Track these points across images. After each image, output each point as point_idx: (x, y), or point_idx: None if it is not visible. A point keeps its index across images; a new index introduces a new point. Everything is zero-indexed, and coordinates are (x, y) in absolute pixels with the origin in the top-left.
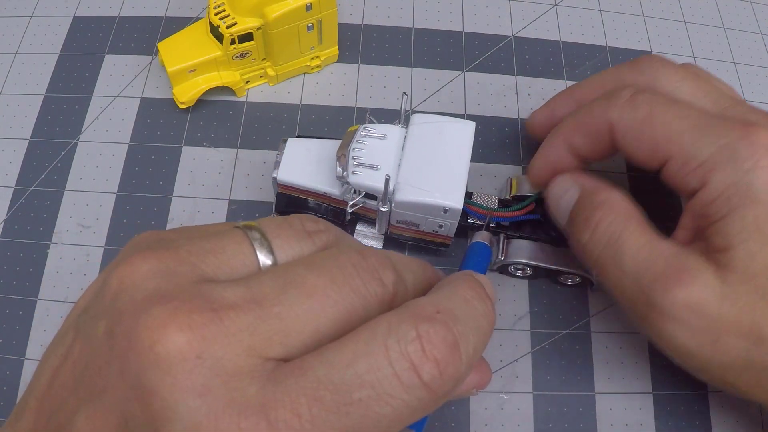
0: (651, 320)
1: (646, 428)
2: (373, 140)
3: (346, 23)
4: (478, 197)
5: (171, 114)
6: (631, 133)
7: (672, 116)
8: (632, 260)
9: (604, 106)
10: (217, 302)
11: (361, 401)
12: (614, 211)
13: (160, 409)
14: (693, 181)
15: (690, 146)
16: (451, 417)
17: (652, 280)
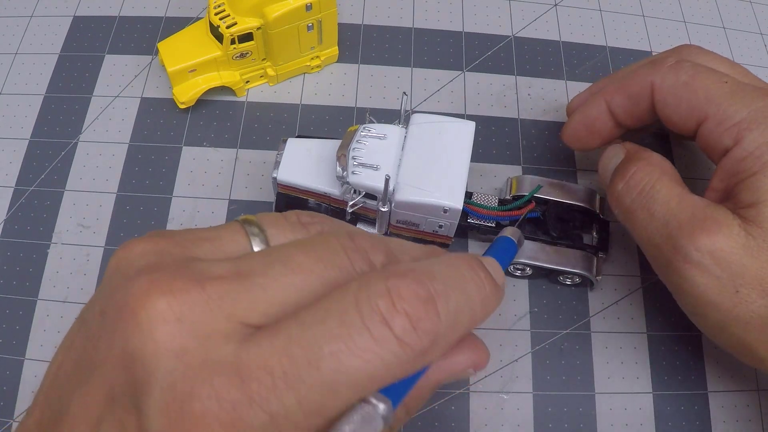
0: (675, 265)
1: (646, 428)
2: (373, 140)
3: (346, 23)
4: (478, 197)
5: (171, 114)
6: (672, 95)
7: (711, 81)
8: (662, 206)
9: (647, 69)
10: (202, 274)
11: (332, 354)
12: (650, 165)
13: (141, 373)
14: (727, 139)
15: (726, 107)
16: (451, 417)
17: (679, 226)
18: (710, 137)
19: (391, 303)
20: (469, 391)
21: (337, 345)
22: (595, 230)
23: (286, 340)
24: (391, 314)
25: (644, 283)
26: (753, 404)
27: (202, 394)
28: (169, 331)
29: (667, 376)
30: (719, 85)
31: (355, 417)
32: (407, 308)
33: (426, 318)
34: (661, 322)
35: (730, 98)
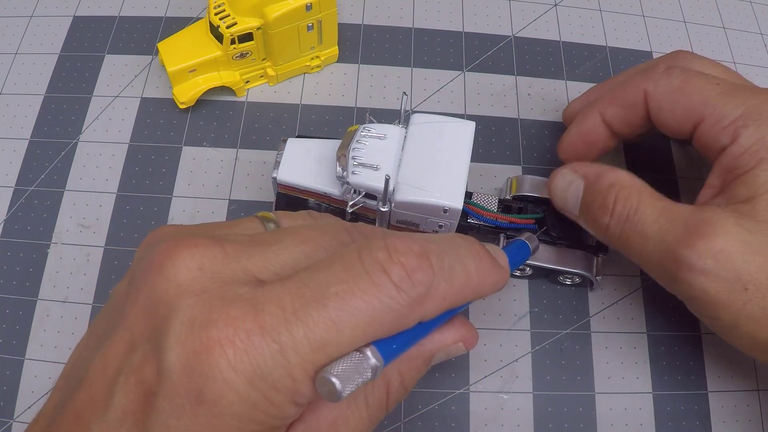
0: (681, 278)
1: (646, 428)
2: (373, 140)
3: (346, 23)
4: (478, 197)
5: (171, 114)
6: (666, 100)
7: (704, 83)
8: (653, 225)
9: (639, 77)
10: (222, 238)
11: (337, 294)
12: (626, 188)
13: (164, 313)
14: (724, 137)
15: (721, 107)
16: (451, 417)
17: (676, 239)
18: (707, 137)
19: (388, 255)
20: (469, 391)
21: (341, 286)
22: None
23: (298, 283)
24: (388, 264)
25: (644, 283)
26: (753, 404)
27: (218, 322)
28: (191, 276)
29: (667, 376)
30: (712, 87)
31: (348, 361)
32: (403, 260)
33: (420, 269)
34: (661, 322)
35: (724, 98)
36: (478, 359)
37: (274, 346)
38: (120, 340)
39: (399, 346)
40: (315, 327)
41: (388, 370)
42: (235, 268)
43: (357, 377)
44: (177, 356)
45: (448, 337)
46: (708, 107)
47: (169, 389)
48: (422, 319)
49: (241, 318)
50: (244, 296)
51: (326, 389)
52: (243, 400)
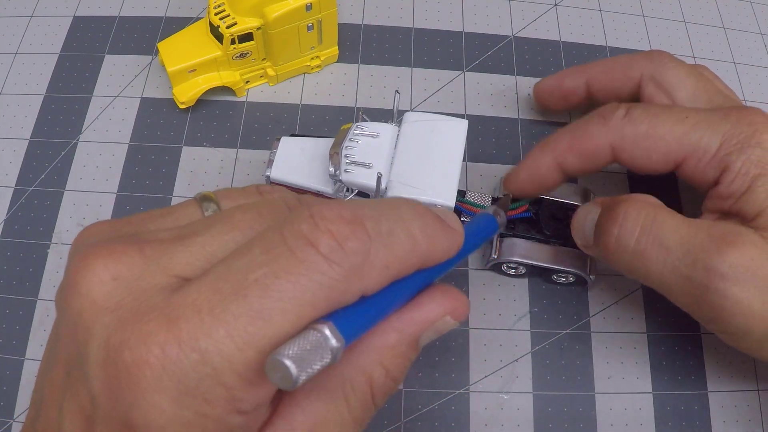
0: (713, 287)
1: (646, 428)
2: (366, 138)
3: (346, 23)
4: (472, 195)
5: (171, 114)
6: (638, 149)
7: (673, 122)
8: (675, 236)
9: (600, 127)
10: (143, 239)
11: (258, 281)
12: (639, 202)
13: (82, 337)
14: (711, 171)
15: (698, 143)
16: (451, 417)
17: (703, 249)
18: (694, 174)
19: (314, 225)
20: (469, 391)
21: (262, 270)
22: None
23: (214, 278)
24: (315, 235)
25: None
26: (753, 404)
27: (131, 341)
28: (106, 290)
29: (667, 376)
30: (682, 123)
31: (299, 341)
32: (332, 228)
33: (353, 236)
34: (661, 322)
35: (697, 132)
36: (478, 359)
37: (194, 355)
38: (59, 362)
39: (362, 322)
40: (236, 323)
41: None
42: (154, 271)
43: (314, 359)
44: (100, 383)
45: (432, 313)
46: (685, 147)
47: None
48: (365, 292)
49: (155, 332)
50: (158, 305)
51: (279, 375)
52: (174, 422)
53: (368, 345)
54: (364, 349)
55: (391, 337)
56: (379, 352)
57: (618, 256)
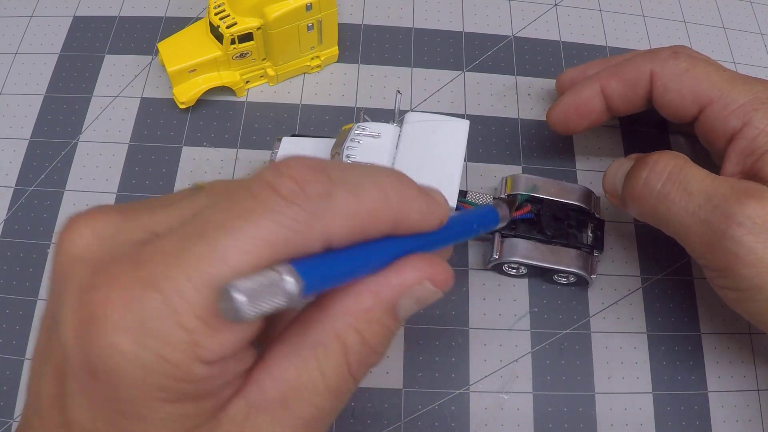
0: (730, 233)
1: (646, 428)
2: (367, 139)
3: (346, 23)
4: (473, 196)
5: (171, 114)
6: (673, 81)
7: (711, 69)
8: (699, 183)
9: (645, 57)
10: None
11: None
12: (670, 154)
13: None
14: (734, 120)
15: (729, 92)
16: (451, 417)
17: (724, 197)
18: (716, 121)
19: (278, 172)
20: (469, 391)
21: (223, 214)
22: (590, 229)
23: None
24: (277, 180)
25: (644, 283)
26: (753, 404)
27: (99, 283)
28: (85, 244)
29: (667, 376)
30: (719, 73)
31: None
32: (294, 173)
33: (315, 180)
34: (661, 322)
35: (731, 84)
36: (478, 359)
37: (156, 295)
38: (43, 327)
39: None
40: (196, 263)
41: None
42: (132, 228)
43: (266, 297)
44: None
45: (408, 277)
46: (716, 91)
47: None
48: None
49: (121, 274)
50: (129, 253)
51: (227, 306)
52: (134, 363)
53: (341, 308)
54: (336, 312)
55: (364, 299)
56: (353, 315)
57: (643, 198)
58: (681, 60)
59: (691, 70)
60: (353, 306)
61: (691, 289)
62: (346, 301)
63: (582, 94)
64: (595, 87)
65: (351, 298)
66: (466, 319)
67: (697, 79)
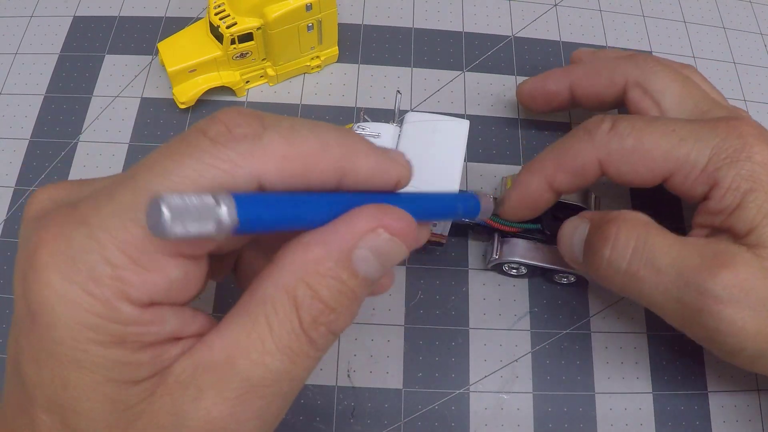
0: (707, 310)
1: (646, 428)
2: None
3: (346, 23)
4: None
5: (171, 114)
6: (624, 164)
7: (659, 136)
8: (666, 257)
9: (586, 143)
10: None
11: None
12: (630, 222)
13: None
14: (700, 187)
15: (686, 157)
16: (451, 417)
17: (695, 270)
18: (682, 189)
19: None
20: (469, 391)
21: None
22: None
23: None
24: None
25: None
26: (753, 404)
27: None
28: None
29: (667, 376)
30: (669, 138)
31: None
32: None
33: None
34: (661, 322)
35: (685, 147)
36: (478, 359)
37: (83, 229)
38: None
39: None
40: (123, 199)
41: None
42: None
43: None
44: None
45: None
46: (672, 161)
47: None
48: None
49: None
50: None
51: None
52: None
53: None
54: (286, 265)
55: (313, 249)
56: (302, 266)
57: (610, 277)
58: (625, 137)
59: (638, 146)
60: (302, 257)
61: None
62: (296, 254)
63: (530, 194)
64: (541, 182)
65: (300, 250)
66: (466, 319)
67: (649, 155)
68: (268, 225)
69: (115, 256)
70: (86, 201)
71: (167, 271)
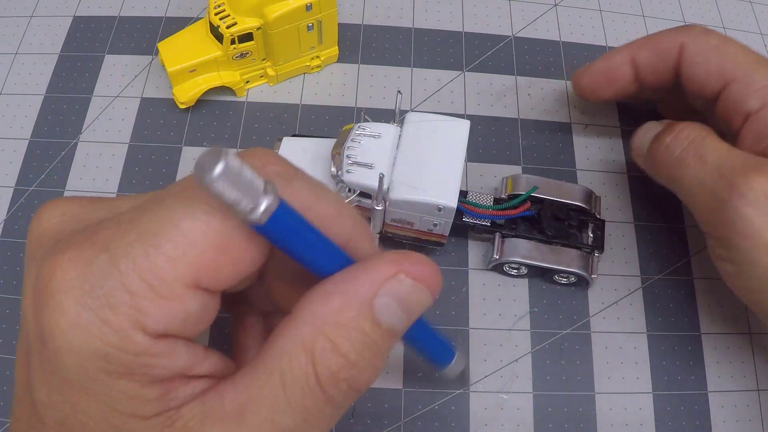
0: (732, 204)
1: (646, 428)
2: (368, 139)
3: (346, 23)
4: (474, 196)
5: (171, 114)
6: (701, 56)
7: (739, 49)
8: (714, 153)
9: (679, 31)
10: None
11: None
12: (695, 125)
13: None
14: (753, 100)
15: (753, 72)
16: (451, 417)
17: (733, 169)
18: (736, 99)
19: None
20: (469, 391)
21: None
22: (591, 229)
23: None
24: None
25: (644, 283)
26: (753, 404)
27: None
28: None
29: (667, 376)
30: (746, 54)
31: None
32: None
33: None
34: (661, 322)
35: (756, 65)
36: (478, 359)
37: (103, 256)
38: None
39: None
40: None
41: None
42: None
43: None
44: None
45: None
46: (740, 70)
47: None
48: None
49: (77, 240)
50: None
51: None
52: (75, 325)
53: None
54: (303, 315)
55: (333, 300)
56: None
57: (662, 162)
58: (712, 37)
59: (720, 47)
60: (321, 308)
61: (691, 289)
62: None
63: (612, 61)
64: (626, 55)
65: (318, 300)
66: (466, 319)
67: (724, 57)
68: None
69: (135, 284)
70: (107, 225)
71: (185, 302)
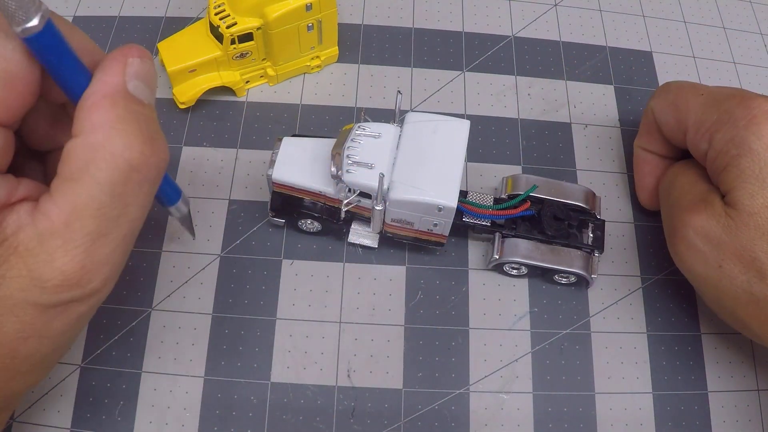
0: (672, 240)
1: (646, 428)
2: (368, 139)
3: (346, 23)
4: (474, 196)
5: (171, 114)
6: (663, 116)
7: (690, 95)
8: (677, 191)
9: (651, 97)
10: None
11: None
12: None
13: None
14: (703, 143)
15: (701, 115)
16: (451, 417)
17: (680, 207)
18: (692, 144)
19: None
20: (469, 391)
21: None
22: (591, 229)
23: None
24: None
25: (644, 283)
26: (753, 404)
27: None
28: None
29: (667, 376)
30: (696, 98)
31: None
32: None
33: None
34: (661, 322)
35: (703, 107)
36: (478, 359)
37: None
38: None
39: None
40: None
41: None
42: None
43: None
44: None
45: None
46: (691, 116)
47: None
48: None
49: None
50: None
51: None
52: None
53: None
54: (89, 128)
55: (100, 101)
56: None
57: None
58: (670, 92)
59: (675, 101)
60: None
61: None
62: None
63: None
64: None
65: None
66: (466, 319)
67: (679, 110)
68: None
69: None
70: None
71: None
